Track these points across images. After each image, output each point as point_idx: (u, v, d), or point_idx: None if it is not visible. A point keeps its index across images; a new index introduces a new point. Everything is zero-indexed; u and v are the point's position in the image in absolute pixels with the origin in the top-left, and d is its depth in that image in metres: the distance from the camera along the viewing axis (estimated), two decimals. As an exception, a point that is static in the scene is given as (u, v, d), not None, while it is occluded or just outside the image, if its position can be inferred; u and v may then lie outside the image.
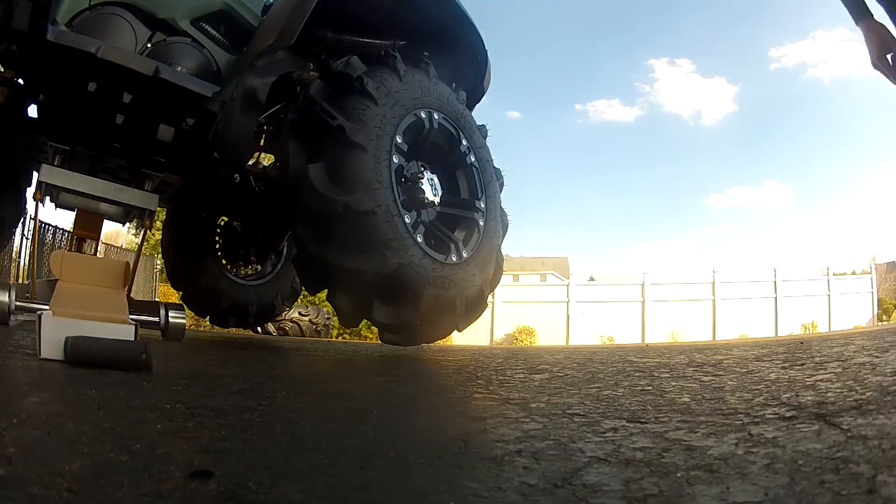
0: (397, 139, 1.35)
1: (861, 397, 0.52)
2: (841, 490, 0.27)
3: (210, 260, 2.28)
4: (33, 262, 1.53)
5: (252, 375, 0.75)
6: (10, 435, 0.33)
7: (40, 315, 0.76)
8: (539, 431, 0.45)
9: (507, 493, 0.29)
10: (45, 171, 1.38)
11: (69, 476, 0.27)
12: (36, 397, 0.46)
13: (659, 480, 0.32)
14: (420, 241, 1.34)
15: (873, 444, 0.36)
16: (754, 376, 0.75)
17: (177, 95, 1.36)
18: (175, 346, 1.22)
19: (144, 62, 1.33)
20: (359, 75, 1.32)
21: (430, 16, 1.63)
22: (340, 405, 0.51)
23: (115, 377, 0.61)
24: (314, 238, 1.28)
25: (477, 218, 1.55)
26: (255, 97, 1.38)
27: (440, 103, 1.49)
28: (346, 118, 1.28)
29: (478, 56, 1.79)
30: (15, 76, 1.48)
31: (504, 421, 0.47)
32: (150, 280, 9.70)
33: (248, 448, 0.34)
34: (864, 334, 1.19)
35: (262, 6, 1.62)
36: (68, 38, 1.25)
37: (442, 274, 1.36)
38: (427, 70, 1.51)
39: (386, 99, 1.35)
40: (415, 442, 0.38)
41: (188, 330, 1.75)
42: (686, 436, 0.42)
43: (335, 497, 0.26)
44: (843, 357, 0.87)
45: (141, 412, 0.43)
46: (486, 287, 1.51)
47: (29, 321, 1.30)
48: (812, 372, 0.74)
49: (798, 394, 0.57)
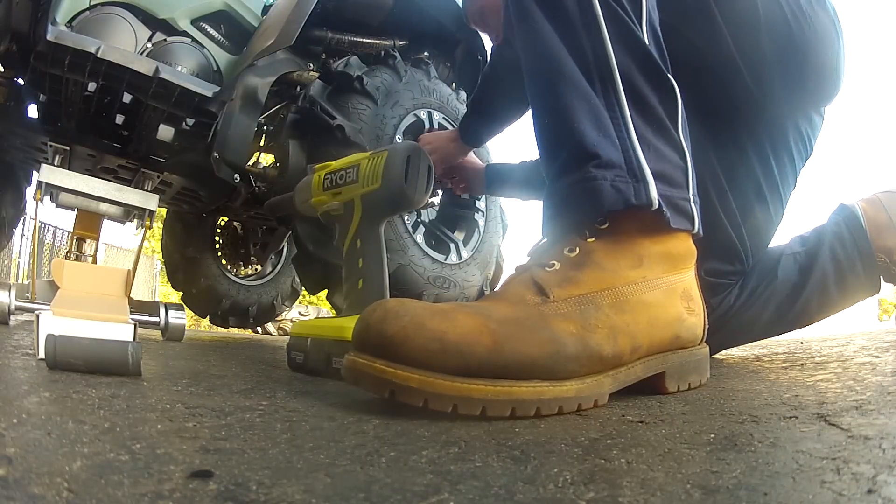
0: (397, 139, 1.35)
1: (861, 397, 0.52)
2: (842, 490, 0.27)
3: (210, 260, 2.28)
4: (33, 262, 1.53)
5: (252, 375, 0.74)
6: (10, 435, 0.33)
7: (38, 314, 0.76)
8: (543, 432, 0.45)
9: (507, 493, 0.29)
10: (45, 171, 1.38)
11: (69, 476, 0.27)
12: (36, 397, 0.45)
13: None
14: (420, 241, 1.34)
15: (873, 443, 0.36)
16: (754, 376, 0.75)
17: (177, 95, 1.36)
18: (175, 346, 1.22)
19: (144, 62, 1.33)
20: (358, 75, 1.33)
21: (430, 16, 1.63)
22: (340, 405, 0.51)
23: (116, 377, 0.61)
24: (314, 238, 1.28)
25: (477, 218, 1.55)
26: (255, 97, 1.38)
27: (440, 103, 1.49)
28: (345, 118, 1.28)
29: (478, 56, 1.79)
30: (15, 76, 1.48)
31: (504, 421, 0.47)
32: (150, 280, 9.68)
33: (248, 448, 0.34)
34: (864, 334, 1.19)
35: (262, 6, 1.63)
36: (69, 38, 1.26)
37: (442, 274, 1.36)
38: (427, 70, 1.51)
39: (386, 99, 1.35)
40: (415, 442, 0.38)
41: (188, 330, 1.75)
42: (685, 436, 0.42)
43: (335, 497, 0.26)
44: (843, 357, 0.87)
45: (141, 412, 0.43)
46: (486, 287, 1.51)
47: (29, 321, 1.30)
48: (812, 372, 0.74)
49: (798, 394, 0.57)
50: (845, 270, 0.93)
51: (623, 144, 0.58)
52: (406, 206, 0.79)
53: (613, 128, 0.58)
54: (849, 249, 0.94)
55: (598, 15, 0.59)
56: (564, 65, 0.60)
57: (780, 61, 0.88)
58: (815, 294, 0.94)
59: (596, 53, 0.59)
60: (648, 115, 0.60)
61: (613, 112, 0.59)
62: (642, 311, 0.56)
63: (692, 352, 0.63)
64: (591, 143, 0.57)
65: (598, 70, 0.59)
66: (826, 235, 0.96)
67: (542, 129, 0.64)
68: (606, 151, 0.57)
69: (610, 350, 0.53)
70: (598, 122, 0.58)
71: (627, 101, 0.59)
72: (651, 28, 0.63)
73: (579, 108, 0.59)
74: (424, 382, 0.45)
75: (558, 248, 0.58)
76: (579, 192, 0.58)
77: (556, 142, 0.62)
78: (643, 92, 0.60)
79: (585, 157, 0.58)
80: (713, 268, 0.93)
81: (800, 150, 0.98)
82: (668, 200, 0.58)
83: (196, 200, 1.89)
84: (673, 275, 0.60)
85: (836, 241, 0.95)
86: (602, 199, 0.56)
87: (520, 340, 0.48)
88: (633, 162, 0.57)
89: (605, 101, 0.59)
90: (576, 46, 0.60)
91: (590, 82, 0.59)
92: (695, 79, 0.70)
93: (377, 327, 0.47)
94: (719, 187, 0.93)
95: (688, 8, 0.84)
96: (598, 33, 0.59)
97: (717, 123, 0.89)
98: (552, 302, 0.53)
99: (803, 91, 0.93)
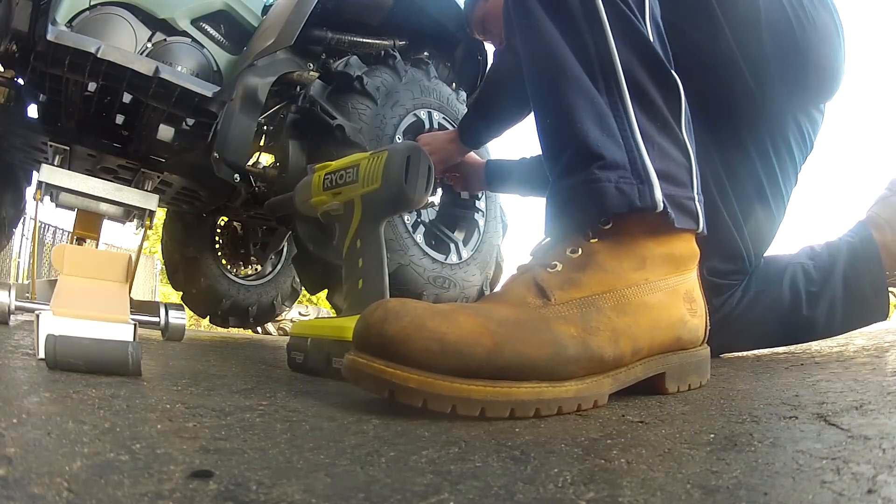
0: (397, 139, 1.35)
1: (861, 397, 0.52)
2: (842, 490, 0.27)
3: (210, 260, 2.27)
4: (33, 262, 1.53)
5: (252, 375, 0.74)
6: (10, 435, 0.33)
7: (38, 314, 0.76)
8: (543, 433, 0.45)
9: (507, 493, 0.29)
10: (45, 171, 1.38)
11: (69, 476, 0.27)
12: (36, 397, 0.45)
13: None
14: (420, 241, 1.34)
15: (873, 443, 0.36)
16: (754, 376, 0.75)
17: (177, 95, 1.36)
18: (175, 346, 1.22)
19: (144, 62, 1.33)
20: (358, 75, 1.33)
21: (430, 16, 1.63)
22: (340, 405, 0.51)
23: (116, 377, 0.61)
24: (314, 238, 1.28)
25: (477, 218, 1.55)
26: (255, 97, 1.38)
27: (440, 103, 1.49)
28: (345, 118, 1.28)
29: (478, 56, 1.80)
30: (15, 76, 1.48)
31: (504, 421, 0.47)
32: (150, 280, 9.69)
33: (248, 448, 0.34)
34: (864, 334, 1.19)
35: (262, 6, 1.63)
36: (69, 38, 1.26)
37: (442, 274, 1.36)
38: (427, 70, 1.51)
39: (386, 99, 1.35)
40: (415, 442, 0.38)
41: (188, 330, 1.75)
42: (683, 436, 0.42)
43: (335, 497, 0.26)
44: (843, 357, 0.87)
45: (141, 412, 0.43)
46: (486, 287, 1.52)
47: (29, 321, 1.30)
48: (812, 372, 0.74)
49: (798, 394, 0.57)
50: (857, 301, 0.93)
51: (627, 144, 0.57)
52: (406, 206, 0.79)
53: (617, 127, 0.57)
54: (863, 280, 0.93)
55: (601, 11, 0.58)
56: (566, 63, 0.59)
57: (781, 59, 0.88)
58: (822, 315, 0.93)
59: (599, 50, 0.58)
60: (653, 112, 0.59)
61: (617, 110, 0.58)
62: (644, 313, 0.56)
63: (693, 353, 0.63)
64: (594, 144, 0.57)
65: (601, 67, 0.58)
66: (839, 260, 0.95)
67: (545, 129, 0.63)
68: (611, 152, 0.56)
69: (611, 352, 0.52)
70: (602, 121, 0.57)
71: (631, 98, 0.58)
72: (654, 23, 0.62)
73: (582, 107, 0.58)
74: (424, 383, 0.45)
75: (561, 249, 0.57)
76: (583, 194, 0.57)
77: (560, 142, 0.61)
78: (647, 89, 0.59)
79: (589, 157, 0.57)
80: (715, 267, 0.93)
81: (800, 147, 0.98)
82: (672, 200, 0.58)
83: (196, 200, 1.89)
84: (676, 276, 0.60)
85: (850, 269, 0.93)
86: (606, 202, 0.56)
87: (520, 342, 0.48)
88: (637, 162, 0.56)
89: (608, 99, 0.58)
90: (578, 43, 0.59)
91: (593, 80, 0.58)
92: (696, 77, 0.70)
93: (377, 327, 0.47)
94: (720, 186, 0.93)
95: (689, 6, 0.84)
96: (601, 30, 0.58)
97: (717, 121, 0.89)
98: (554, 304, 0.52)
99: (804, 88, 0.93)
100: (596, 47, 0.58)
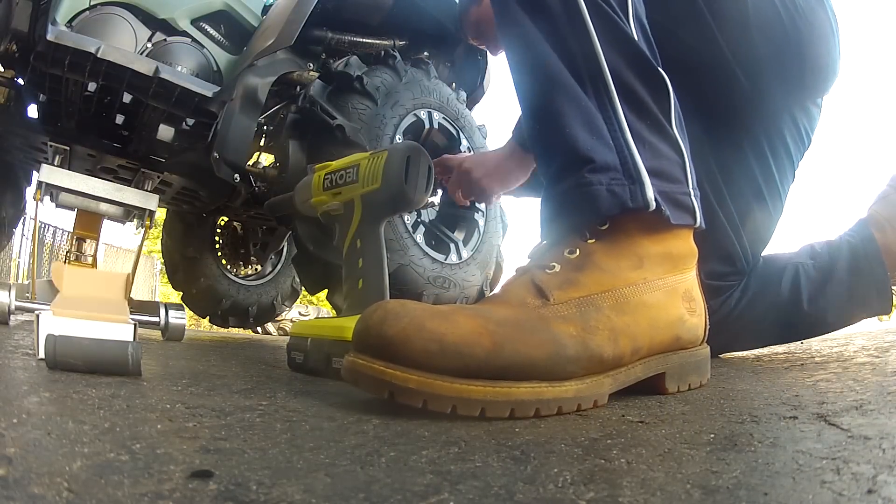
0: (397, 139, 1.35)
1: (861, 397, 0.52)
2: (842, 490, 0.27)
3: (210, 260, 2.27)
4: (33, 262, 1.53)
5: (252, 375, 0.74)
6: (10, 435, 0.33)
7: (38, 314, 0.76)
8: (543, 433, 0.45)
9: (507, 493, 0.29)
10: (45, 171, 1.38)
11: (69, 476, 0.27)
12: (36, 397, 0.45)
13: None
14: (420, 241, 1.34)
15: (873, 443, 0.36)
16: (754, 376, 0.75)
17: (177, 95, 1.36)
18: (175, 346, 1.22)
19: (144, 62, 1.33)
20: (358, 75, 1.33)
21: (430, 16, 1.63)
22: (340, 405, 0.51)
23: (116, 377, 0.61)
24: (314, 238, 1.28)
25: (477, 218, 1.55)
26: (255, 97, 1.38)
27: (440, 103, 1.49)
28: (345, 118, 1.28)
29: (478, 56, 1.80)
30: (15, 76, 1.48)
31: (504, 421, 0.47)
32: (150, 280, 9.68)
33: (248, 448, 0.34)
34: (864, 334, 1.19)
35: (262, 6, 1.63)
36: (69, 38, 1.26)
37: (442, 274, 1.36)
38: (427, 70, 1.51)
39: (386, 99, 1.35)
40: (415, 442, 0.38)
41: (188, 330, 1.75)
42: (685, 436, 0.42)
43: (335, 497, 0.26)
44: (843, 357, 0.87)
45: (141, 412, 0.43)
46: (486, 287, 1.51)
47: (29, 321, 1.30)
48: (812, 372, 0.74)
49: (798, 394, 0.57)
50: (860, 300, 0.92)
51: (618, 145, 0.57)
52: (406, 206, 0.79)
53: (607, 128, 0.57)
54: (865, 280, 0.92)
55: (583, 11, 0.58)
56: (552, 67, 0.58)
57: (775, 58, 0.88)
58: (822, 312, 0.93)
59: (584, 52, 0.58)
60: (642, 112, 0.59)
61: (606, 112, 0.57)
62: (643, 312, 0.56)
63: (693, 352, 0.63)
64: (584, 148, 0.57)
65: (587, 69, 0.58)
66: (840, 260, 0.94)
67: (535, 135, 0.63)
68: (601, 154, 0.56)
69: (610, 352, 0.52)
70: (591, 124, 0.57)
71: (620, 99, 0.58)
72: (638, 21, 0.62)
73: (570, 111, 0.57)
74: (423, 383, 0.45)
75: (558, 250, 0.57)
76: (576, 198, 0.57)
77: (550, 147, 0.61)
78: (635, 88, 0.59)
79: (579, 161, 0.57)
80: (712, 269, 0.93)
81: (797, 144, 0.97)
82: (666, 197, 0.58)
83: (196, 200, 1.89)
84: (674, 275, 0.60)
85: (852, 268, 0.92)
86: (598, 205, 0.56)
87: (519, 342, 0.48)
88: (628, 162, 0.56)
89: (596, 101, 0.58)
90: (562, 46, 0.59)
91: (579, 83, 0.58)
92: (688, 78, 0.70)
93: (377, 328, 0.47)
94: (716, 188, 0.93)
95: (676, 7, 0.84)
96: (585, 31, 0.58)
97: (712, 122, 0.89)
98: (552, 304, 0.52)
99: (800, 84, 0.92)
100: (581, 49, 0.58)
